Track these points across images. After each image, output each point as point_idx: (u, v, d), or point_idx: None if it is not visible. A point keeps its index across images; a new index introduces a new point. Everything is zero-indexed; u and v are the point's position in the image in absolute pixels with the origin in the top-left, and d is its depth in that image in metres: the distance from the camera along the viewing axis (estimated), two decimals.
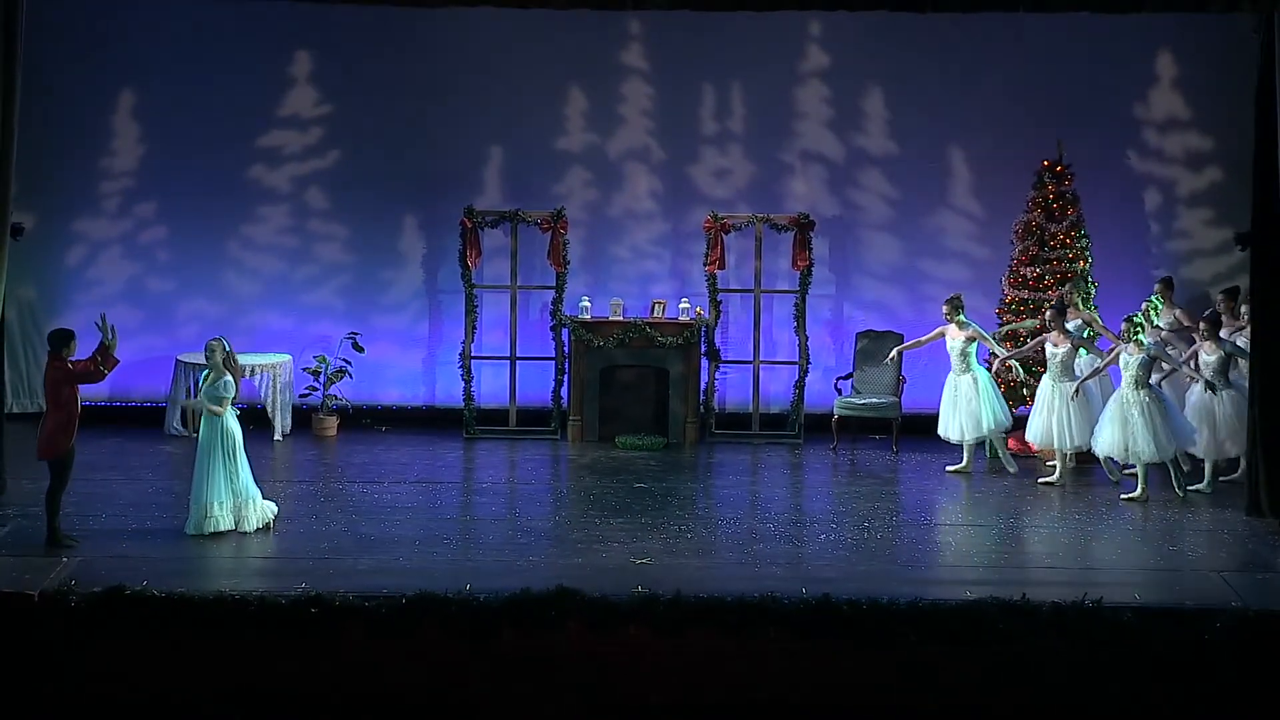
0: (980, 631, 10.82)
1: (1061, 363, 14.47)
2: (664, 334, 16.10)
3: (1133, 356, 13.90)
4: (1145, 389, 13.87)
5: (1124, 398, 13.95)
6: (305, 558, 12.05)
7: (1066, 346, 14.45)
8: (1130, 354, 13.92)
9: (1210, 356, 14.09)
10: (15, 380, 16.28)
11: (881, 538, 12.98)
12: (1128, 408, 13.88)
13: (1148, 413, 13.81)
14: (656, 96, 16.67)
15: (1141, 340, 13.93)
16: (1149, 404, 13.83)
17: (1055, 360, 14.49)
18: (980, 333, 14.91)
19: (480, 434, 16.28)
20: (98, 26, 16.18)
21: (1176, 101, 16.49)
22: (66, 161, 16.33)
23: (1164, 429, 13.80)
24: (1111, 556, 12.56)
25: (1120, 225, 16.52)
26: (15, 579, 11.20)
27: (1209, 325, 14.14)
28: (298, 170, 16.68)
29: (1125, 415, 13.89)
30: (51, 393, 12.23)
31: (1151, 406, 13.82)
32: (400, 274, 16.84)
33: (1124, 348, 13.98)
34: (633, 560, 12.07)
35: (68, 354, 12.22)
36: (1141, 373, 13.87)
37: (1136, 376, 13.87)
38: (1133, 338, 13.91)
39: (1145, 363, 13.87)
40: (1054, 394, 14.45)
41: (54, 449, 12.17)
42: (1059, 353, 14.48)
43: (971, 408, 14.77)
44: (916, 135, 16.58)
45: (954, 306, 14.96)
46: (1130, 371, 13.91)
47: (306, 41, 16.44)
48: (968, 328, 14.89)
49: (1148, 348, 13.93)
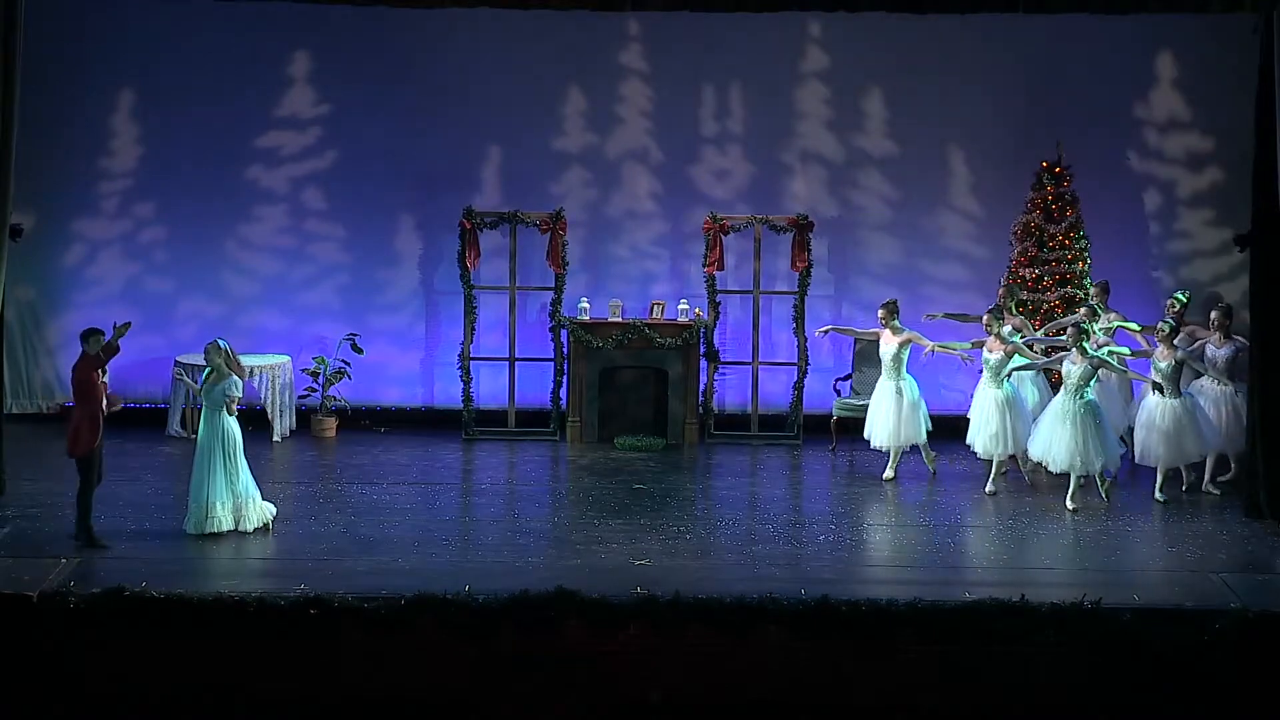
0: (979, 632, 10.82)
1: (995, 368, 14.22)
2: (663, 335, 16.09)
3: (1076, 365, 13.67)
4: (1085, 397, 13.62)
5: (1062, 406, 13.71)
6: (304, 559, 12.05)
7: (1000, 353, 14.19)
8: (1074, 362, 13.69)
9: (1163, 363, 13.92)
10: (15, 381, 16.27)
11: (880, 539, 12.99)
12: (1065, 415, 13.65)
13: (1080, 424, 13.56)
14: (655, 97, 16.66)
15: (1086, 349, 13.70)
16: (1083, 415, 13.59)
17: (989, 365, 14.26)
18: (915, 335, 14.70)
19: (479, 435, 16.27)
20: (97, 27, 16.17)
21: (1176, 102, 16.49)
22: (65, 162, 16.32)
23: (1093, 442, 13.54)
24: (1111, 558, 12.56)
25: (1120, 226, 16.51)
26: (15, 580, 11.20)
27: (1167, 329, 14.03)
28: (296, 170, 16.67)
29: (1059, 423, 13.67)
30: (77, 389, 12.34)
31: (1085, 418, 13.57)
32: (398, 274, 16.83)
33: (1068, 355, 13.74)
34: (632, 561, 12.07)
35: (90, 350, 12.32)
36: (1082, 382, 13.62)
37: (1077, 385, 13.63)
38: (1078, 345, 13.67)
39: (1088, 372, 13.63)
40: (988, 400, 14.23)
41: (81, 445, 12.19)
42: (992, 358, 14.23)
43: (902, 416, 14.56)
44: (916, 136, 16.57)
45: (890, 311, 14.80)
46: (1072, 380, 13.66)
47: (305, 42, 16.43)
48: (902, 332, 14.72)
49: (1091, 356, 13.69)
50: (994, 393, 14.21)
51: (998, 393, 14.19)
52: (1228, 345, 14.30)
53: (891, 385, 14.73)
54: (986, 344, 14.33)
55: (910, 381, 14.80)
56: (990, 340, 14.29)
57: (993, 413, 14.17)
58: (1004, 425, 14.12)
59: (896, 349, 14.72)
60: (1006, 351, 14.18)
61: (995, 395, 14.20)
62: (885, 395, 14.76)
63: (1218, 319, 14.41)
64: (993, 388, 14.24)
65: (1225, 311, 14.46)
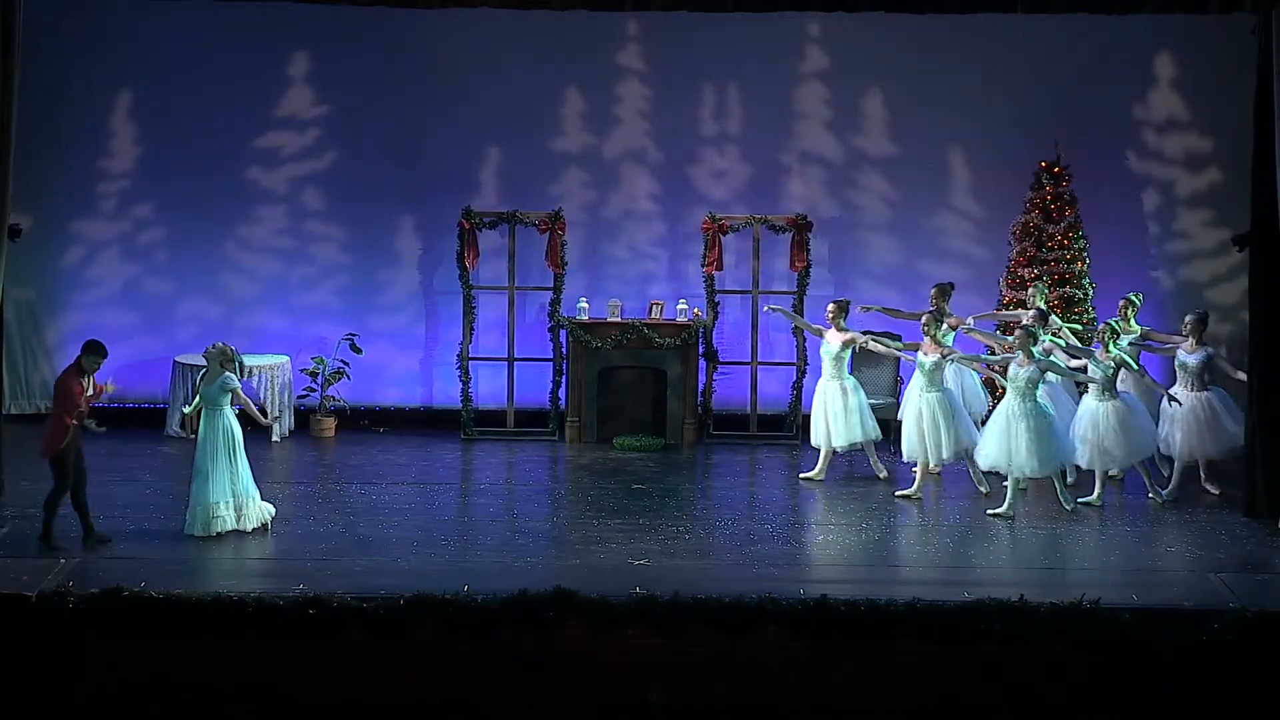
0: (978, 632, 10.82)
1: (930, 372, 14.01)
2: (662, 335, 16.09)
3: (1022, 369, 13.49)
4: (1032, 401, 13.46)
5: (1010, 410, 13.53)
6: (303, 559, 12.05)
7: (936, 356, 13.98)
8: (1020, 365, 13.51)
9: (1105, 363, 13.72)
10: (14, 382, 16.25)
11: (879, 538, 12.99)
12: (1014, 420, 13.46)
13: (1033, 427, 13.39)
14: (654, 97, 16.66)
15: (1033, 352, 13.54)
16: (1035, 417, 13.42)
17: (924, 369, 14.04)
18: (857, 335, 14.53)
19: (478, 435, 16.27)
20: (95, 27, 16.16)
21: (1175, 102, 16.49)
22: (64, 162, 16.31)
23: (1048, 443, 13.38)
24: (1110, 558, 12.56)
25: (1118, 226, 16.51)
26: (13, 580, 11.20)
27: (1108, 334, 13.87)
28: (295, 171, 16.67)
29: (1011, 428, 13.47)
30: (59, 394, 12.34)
31: (1037, 420, 13.40)
32: (397, 275, 16.83)
33: (1014, 359, 13.57)
34: (631, 561, 12.07)
35: (86, 366, 12.29)
36: (1029, 385, 13.47)
37: (1024, 389, 13.46)
38: (1024, 348, 13.51)
39: (1034, 375, 13.45)
40: (921, 404, 14.02)
41: (50, 448, 12.19)
42: (927, 361, 14.01)
43: (844, 417, 14.45)
44: (915, 136, 16.57)
45: (840, 310, 14.68)
46: (1018, 384, 13.47)
47: (304, 42, 16.43)
48: (846, 333, 14.58)
49: (1038, 360, 13.50)
50: (927, 396, 13.99)
51: (930, 396, 13.97)
52: (1199, 351, 14.12)
53: (834, 385, 14.58)
54: (922, 347, 14.08)
55: (853, 382, 14.64)
56: (926, 343, 14.06)
57: (924, 417, 13.94)
58: (936, 430, 13.88)
59: (838, 349, 14.56)
60: (944, 355, 13.97)
61: (928, 399, 13.97)
62: (824, 395, 14.59)
63: (1191, 324, 14.26)
64: (926, 392, 14.02)
65: (1200, 318, 14.30)
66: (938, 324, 14.24)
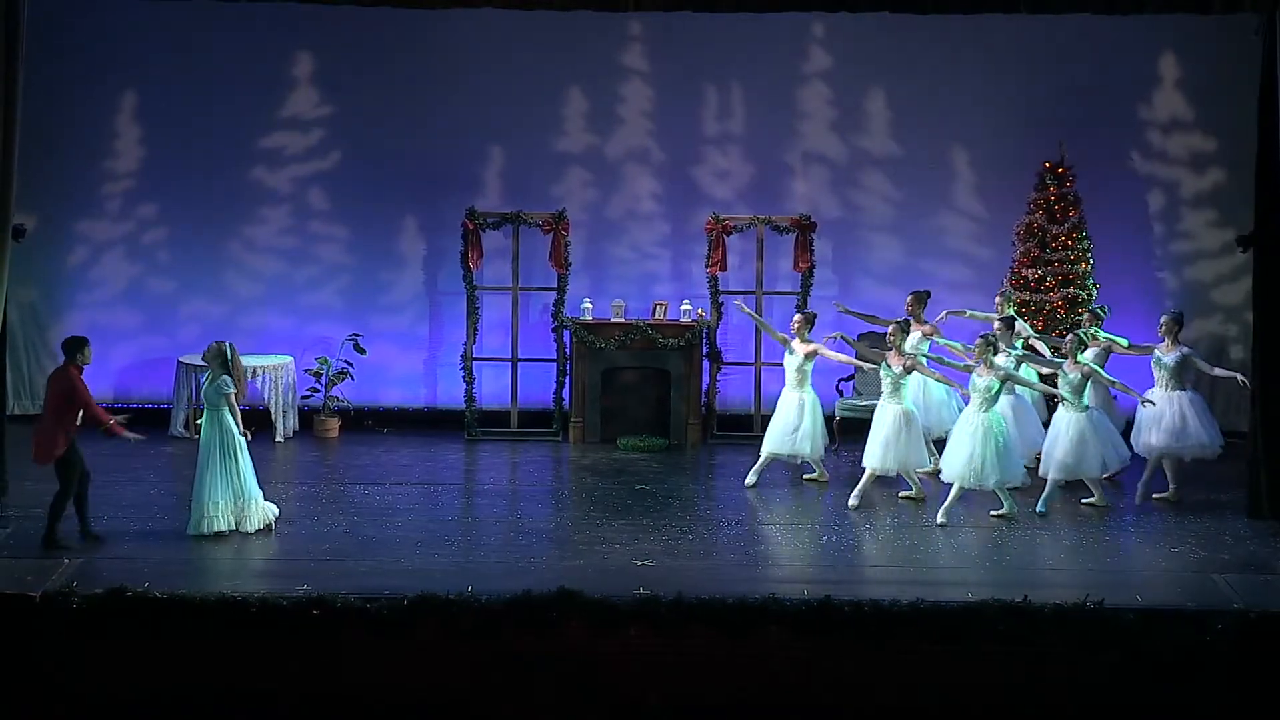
0: (982, 633, 10.82)
1: (893, 384, 13.86)
2: (665, 335, 16.09)
3: (981, 378, 13.39)
4: (990, 412, 13.36)
5: (970, 420, 13.43)
6: (307, 559, 12.06)
7: (899, 366, 13.83)
8: (980, 375, 13.42)
9: (1071, 375, 13.65)
10: (17, 382, 16.24)
11: (883, 539, 12.98)
12: (973, 431, 13.36)
13: (981, 437, 13.27)
14: (657, 97, 16.67)
15: (994, 362, 13.43)
16: (990, 428, 13.29)
17: (887, 380, 13.90)
18: (820, 347, 14.41)
19: (481, 436, 16.28)
20: (99, 28, 16.17)
21: (1179, 103, 16.49)
22: (68, 163, 16.33)
23: (990, 456, 13.24)
24: (1113, 558, 12.56)
25: (1123, 227, 16.50)
26: (17, 580, 11.21)
27: (1076, 345, 13.81)
28: (299, 171, 16.68)
29: (969, 439, 13.35)
30: (53, 399, 12.27)
31: (994, 432, 13.28)
32: (401, 275, 16.84)
33: (975, 368, 13.46)
34: (634, 562, 12.08)
35: (82, 361, 12.28)
36: (988, 395, 13.36)
37: (983, 399, 13.36)
38: (984, 358, 13.41)
39: (994, 385, 13.35)
40: (883, 413, 13.84)
41: (44, 454, 12.19)
42: (892, 371, 13.86)
43: (804, 428, 14.29)
44: (918, 136, 16.58)
45: (806, 321, 14.55)
46: (979, 394, 13.38)
47: (308, 43, 16.44)
48: (809, 344, 14.44)
49: (998, 369, 13.41)
50: (894, 408, 13.85)
51: (897, 407, 13.83)
52: (1174, 351, 14.01)
53: (795, 396, 14.40)
54: (887, 357, 13.94)
55: (813, 398, 14.45)
56: (891, 354, 13.92)
57: (889, 427, 13.77)
58: (899, 441, 13.72)
59: (801, 360, 14.41)
60: (907, 366, 13.80)
61: (894, 410, 13.83)
62: (786, 405, 14.41)
63: (1166, 324, 14.16)
64: (892, 403, 13.89)
65: (1175, 318, 14.20)
66: (904, 334, 14.12)
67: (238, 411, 12.61)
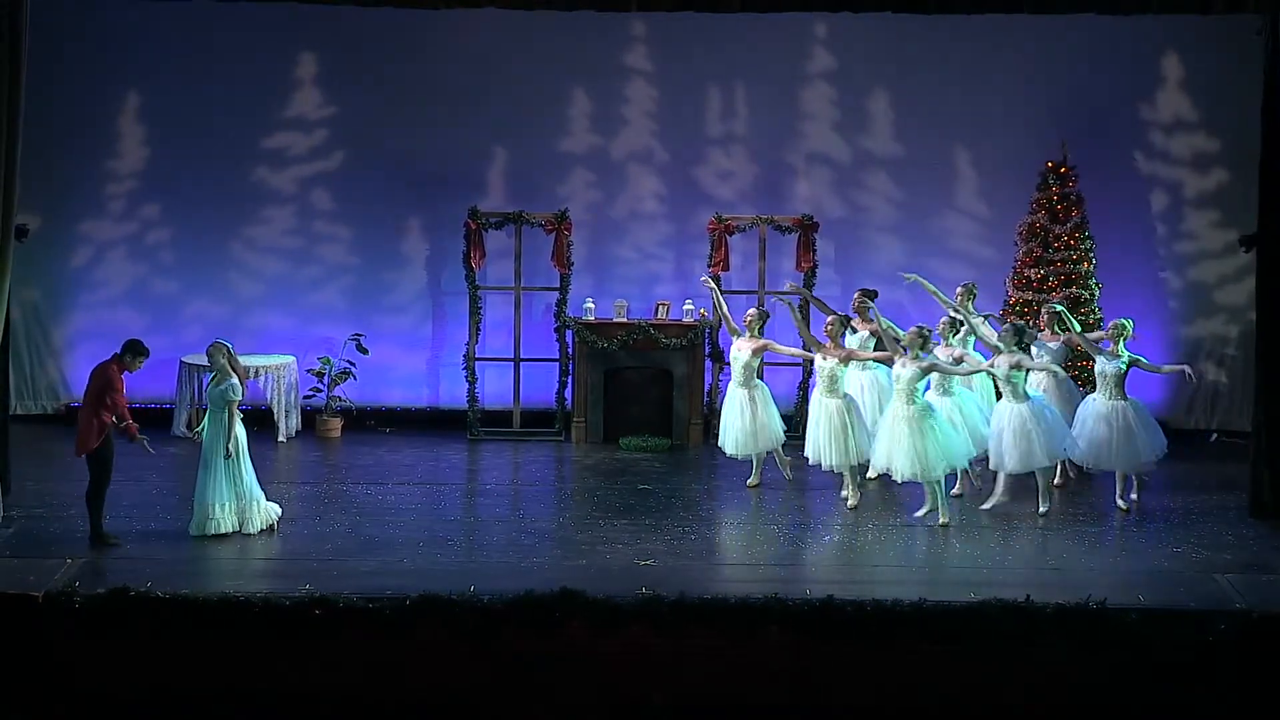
0: (984, 633, 10.82)
1: (829, 377, 13.80)
2: (668, 335, 16.10)
3: (905, 369, 13.31)
4: (917, 404, 13.26)
5: (894, 413, 13.35)
6: (309, 559, 12.06)
7: (834, 360, 13.78)
8: (904, 365, 13.34)
9: (1002, 366, 13.50)
10: (20, 382, 16.26)
11: (885, 539, 12.98)
12: (897, 423, 13.29)
13: (915, 430, 13.20)
14: (660, 98, 16.68)
15: (918, 354, 13.32)
16: (918, 420, 13.22)
17: (823, 374, 13.83)
18: (769, 343, 14.36)
19: (484, 435, 16.28)
20: (103, 28, 16.20)
21: (1183, 103, 16.49)
22: (71, 163, 16.35)
23: (933, 447, 13.18)
24: (1115, 558, 12.55)
25: (1125, 227, 16.51)
26: (20, 580, 11.21)
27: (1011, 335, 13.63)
28: (302, 172, 16.70)
29: (894, 431, 13.29)
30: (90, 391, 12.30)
31: (920, 423, 13.20)
32: (404, 275, 16.86)
33: (900, 359, 13.38)
34: (637, 562, 12.07)
35: (129, 363, 12.30)
36: (911, 385, 13.26)
37: (909, 390, 13.26)
38: (911, 348, 13.33)
39: (916, 375, 13.27)
40: (820, 409, 13.82)
41: (80, 445, 12.21)
42: (826, 366, 13.80)
43: (759, 421, 14.22)
44: (921, 137, 16.58)
45: (760, 317, 14.49)
46: (902, 385, 13.29)
47: (311, 43, 16.46)
48: (758, 340, 14.36)
49: (921, 359, 13.31)
50: (830, 402, 13.80)
51: (831, 402, 13.78)
52: (1116, 360, 13.70)
53: (744, 393, 14.32)
54: (823, 350, 13.86)
55: (763, 388, 14.43)
56: (828, 345, 13.86)
57: (824, 422, 13.74)
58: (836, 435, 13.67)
59: (749, 356, 14.35)
60: (841, 359, 13.75)
61: (830, 404, 13.79)
62: (737, 402, 14.36)
63: (1110, 332, 14.00)
64: (828, 397, 13.83)
65: (1119, 327, 14.04)
66: (843, 328, 14.07)
67: (238, 419, 12.59)
